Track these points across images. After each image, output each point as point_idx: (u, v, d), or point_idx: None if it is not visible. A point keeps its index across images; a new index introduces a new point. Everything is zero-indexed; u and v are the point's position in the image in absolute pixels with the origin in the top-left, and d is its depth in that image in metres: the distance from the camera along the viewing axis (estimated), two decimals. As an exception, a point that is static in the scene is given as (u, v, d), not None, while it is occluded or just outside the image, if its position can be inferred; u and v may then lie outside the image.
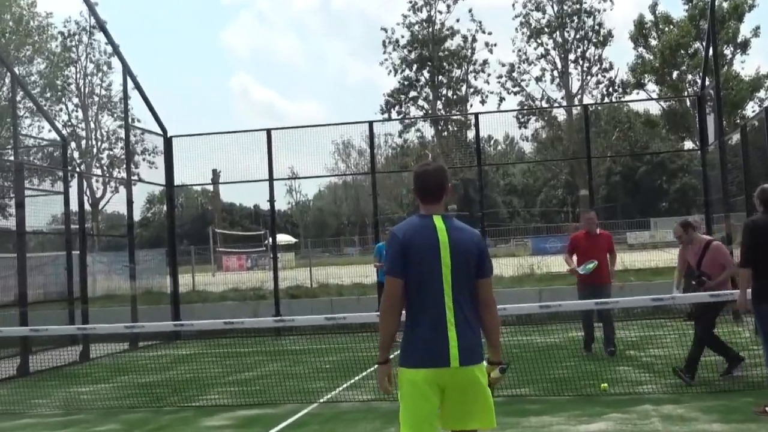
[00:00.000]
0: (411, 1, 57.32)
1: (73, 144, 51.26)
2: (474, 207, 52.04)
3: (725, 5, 48.17)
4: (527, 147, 63.71)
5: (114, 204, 72.81)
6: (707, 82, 20.98)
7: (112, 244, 30.94)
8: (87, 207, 28.38)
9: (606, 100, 53.29)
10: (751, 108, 47.78)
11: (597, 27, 54.28)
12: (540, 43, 54.64)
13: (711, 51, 20.05)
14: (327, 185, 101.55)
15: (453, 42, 57.61)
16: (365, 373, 12.32)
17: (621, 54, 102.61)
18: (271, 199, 20.86)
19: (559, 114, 54.21)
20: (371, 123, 21.05)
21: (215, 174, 34.65)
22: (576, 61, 54.52)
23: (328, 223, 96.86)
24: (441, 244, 4.61)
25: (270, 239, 27.26)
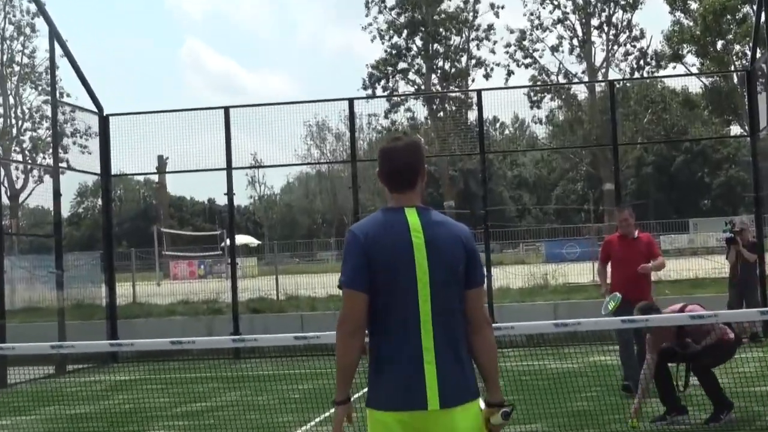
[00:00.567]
0: (400, -47, 57.47)
1: (-13, 123, 51.16)
2: (476, 204, 52.14)
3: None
4: (540, 131, 63.76)
5: (37, 197, 72.18)
6: (759, 54, 21.05)
7: (35, 245, 30.80)
8: (4, 200, 28.23)
9: (636, 75, 53.56)
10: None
11: (626, -14, 54.56)
12: (557, 5, 54.88)
13: (764, 16, 20.08)
14: (297, 176, 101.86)
15: (451, 3, 57.82)
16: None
17: (655, 20, 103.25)
18: (229, 192, 20.82)
19: (580, 91, 54.52)
20: (351, 101, 21.03)
21: (161, 161, 34.58)
22: (600, 28, 54.79)
23: (298, 222, 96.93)
24: (415, 245, 4.36)
25: (228, 241, 27.19)
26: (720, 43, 50.37)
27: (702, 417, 10.35)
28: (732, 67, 49.25)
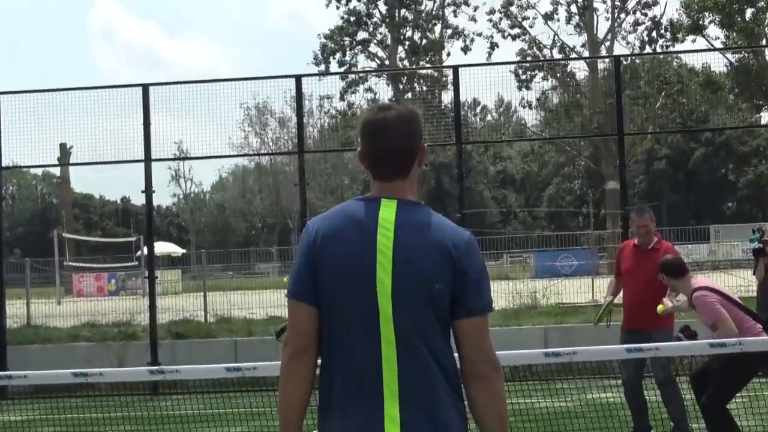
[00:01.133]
0: None
1: None
2: (449, 204, 52.29)
3: None
4: (530, 117, 64.22)
5: None
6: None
7: None
8: None
9: (647, 49, 53.97)
10: None
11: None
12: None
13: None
14: (232, 170, 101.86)
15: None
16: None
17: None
18: (148, 190, 20.76)
19: (579, 69, 54.82)
20: (299, 78, 21.01)
21: (64, 151, 34.44)
22: (604, -8, 55.21)
23: (232, 227, 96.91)
24: (380, 250, 3.97)
25: (145, 249, 27.10)
26: (749, 12, 50.75)
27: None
28: (764, 41, 49.68)
